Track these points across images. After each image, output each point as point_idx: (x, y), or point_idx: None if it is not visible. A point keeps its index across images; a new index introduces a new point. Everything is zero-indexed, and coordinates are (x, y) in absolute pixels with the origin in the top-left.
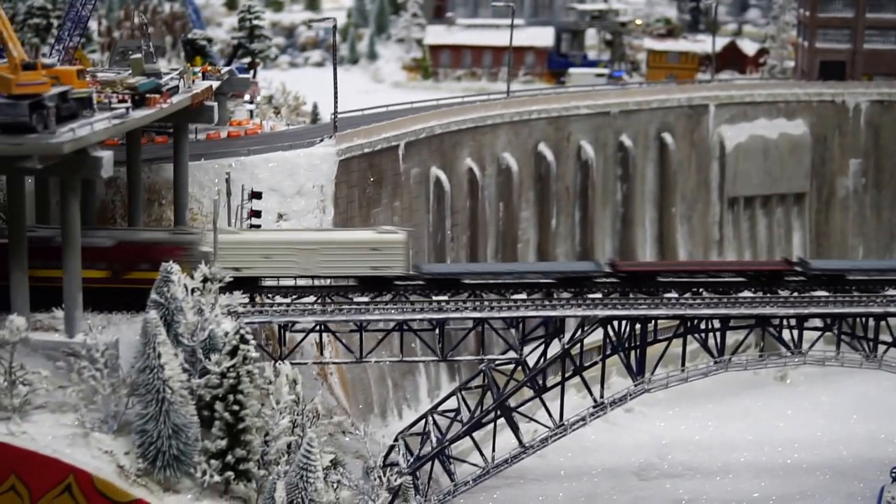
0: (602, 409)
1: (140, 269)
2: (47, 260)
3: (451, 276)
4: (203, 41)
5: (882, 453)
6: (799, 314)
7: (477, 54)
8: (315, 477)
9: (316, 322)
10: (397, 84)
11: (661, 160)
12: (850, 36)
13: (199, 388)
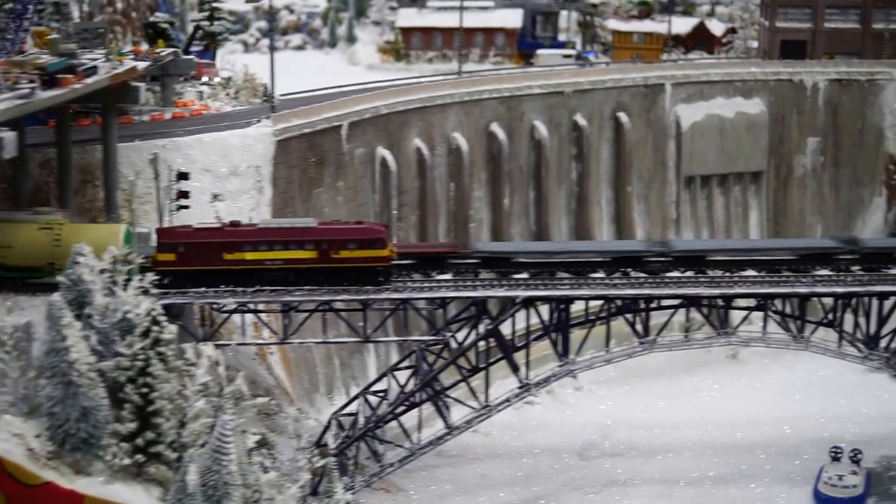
0: (527, 390)
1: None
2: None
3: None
4: (165, 24)
5: (825, 432)
6: (724, 294)
7: (447, 36)
8: (229, 460)
9: (237, 303)
10: (371, 66)
11: (616, 139)
12: (810, 15)
13: (110, 371)
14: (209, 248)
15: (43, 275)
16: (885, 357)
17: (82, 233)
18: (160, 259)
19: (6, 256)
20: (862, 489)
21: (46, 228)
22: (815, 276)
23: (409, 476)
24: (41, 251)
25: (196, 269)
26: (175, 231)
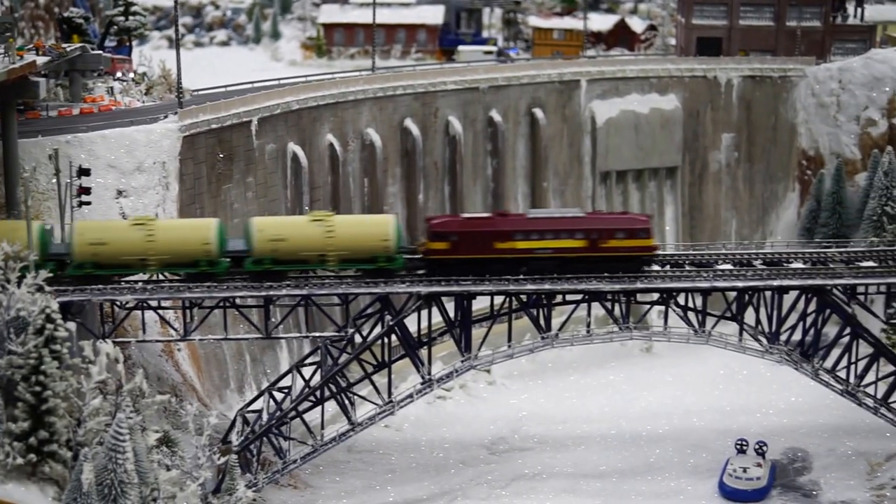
0: (429, 386)
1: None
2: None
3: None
4: (80, 19)
5: (732, 425)
6: (626, 289)
7: (370, 32)
8: (125, 458)
9: (137, 300)
10: (293, 62)
11: (532, 135)
12: (725, 12)
13: (2, 369)
14: (482, 237)
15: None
16: (786, 350)
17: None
18: (432, 248)
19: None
20: (766, 481)
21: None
22: (717, 271)
23: (318, 472)
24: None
25: (467, 258)
26: (448, 220)
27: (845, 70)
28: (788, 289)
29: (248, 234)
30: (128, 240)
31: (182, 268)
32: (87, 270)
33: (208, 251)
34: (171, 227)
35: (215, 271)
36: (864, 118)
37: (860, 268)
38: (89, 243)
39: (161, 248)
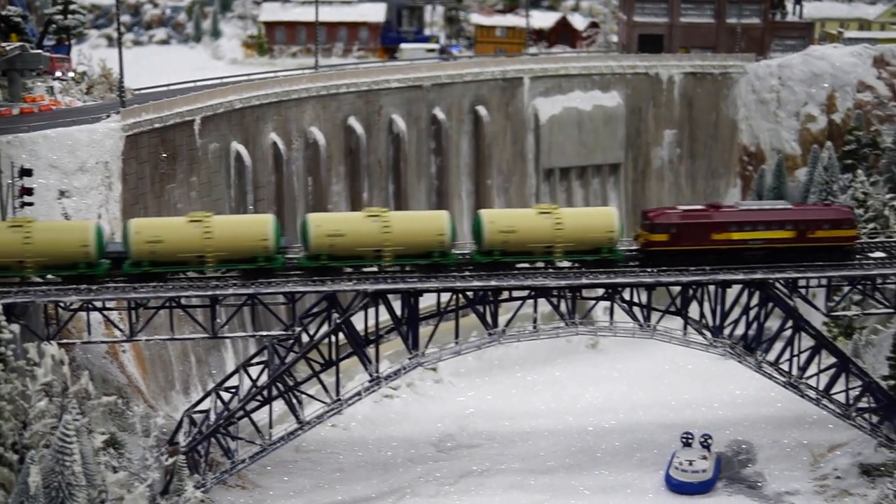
0: (377, 384)
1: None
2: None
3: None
4: (17, 18)
5: (678, 418)
6: (572, 284)
7: (311, 30)
8: (72, 460)
9: (82, 301)
10: (235, 61)
11: (475, 133)
12: (666, 10)
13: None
14: (700, 228)
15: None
16: (729, 344)
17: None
18: (652, 239)
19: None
20: (712, 473)
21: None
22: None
23: (267, 472)
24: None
25: (685, 249)
26: (667, 213)
27: (785, 67)
28: (732, 283)
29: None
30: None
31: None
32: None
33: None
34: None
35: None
36: (803, 114)
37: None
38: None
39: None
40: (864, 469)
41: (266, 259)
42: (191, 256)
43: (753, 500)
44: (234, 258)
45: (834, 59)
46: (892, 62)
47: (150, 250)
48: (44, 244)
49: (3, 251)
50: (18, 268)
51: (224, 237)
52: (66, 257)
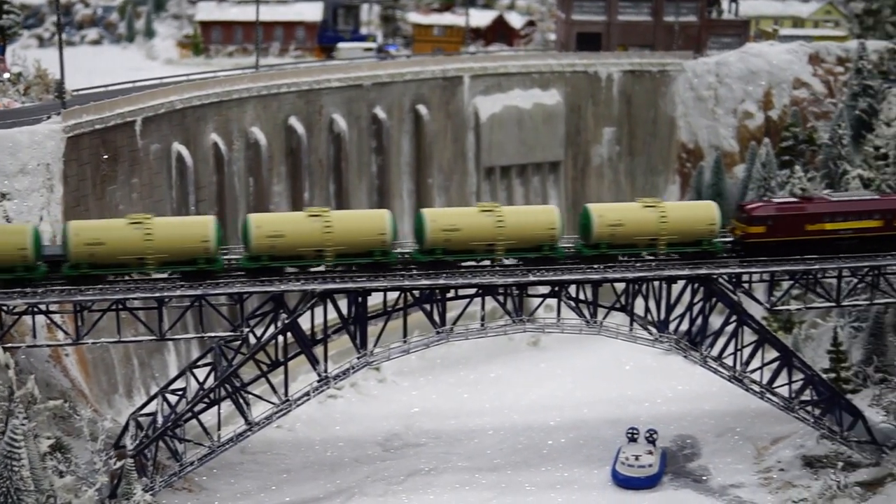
0: (326, 384)
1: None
2: None
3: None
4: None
5: (623, 414)
6: (519, 282)
7: (248, 30)
8: (20, 465)
9: (27, 304)
10: (170, 61)
11: (416, 132)
12: (604, 8)
13: None
14: (795, 220)
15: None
16: (675, 339)
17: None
18: (751, 231)
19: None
20: (657, 468)
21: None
22: (609, 263)
23: (213, 474)
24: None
25: (781, 240)
26: (764, 205)
27: (722, 64)
28: (677, 278)
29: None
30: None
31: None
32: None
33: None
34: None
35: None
36: (741, 111)
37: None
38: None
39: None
40: (807, 461)
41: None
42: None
43: (699, 493)
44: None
45: (770, 57)
46: (826, 59)
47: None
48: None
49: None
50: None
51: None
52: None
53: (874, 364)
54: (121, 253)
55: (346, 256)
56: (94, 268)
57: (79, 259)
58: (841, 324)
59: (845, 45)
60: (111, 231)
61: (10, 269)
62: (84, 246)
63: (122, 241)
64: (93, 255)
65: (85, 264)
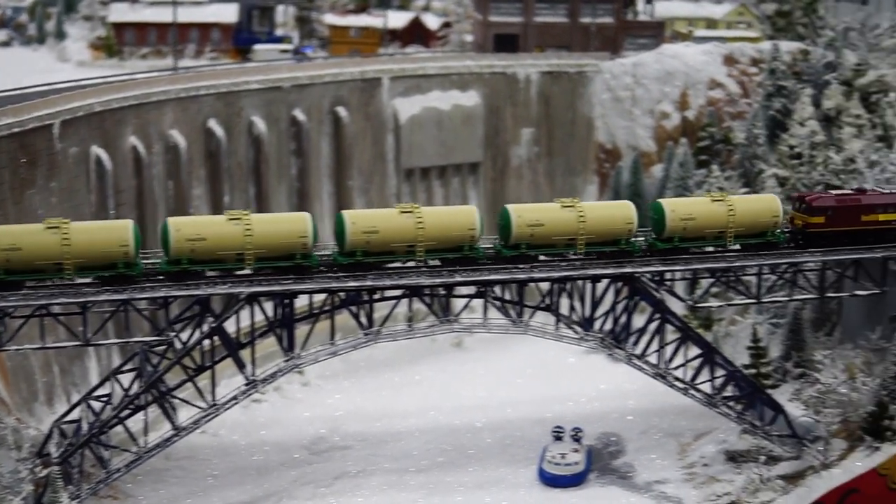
0: (254, 387)
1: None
2: None
3: None
4: None
5: (547, 413)
6: (446, 282)
7: (162, 31)
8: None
9: None
10: (82, 63)
11: (336, 134)
12: (521, 9)
13: None
14: (852, 211)
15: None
16: (600, 337)
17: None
18: (812, 221)
19: None
20: (583, 466)
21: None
22: (535, 262)
23: (138, 481)
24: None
25: (839, 230)
26: (824, 197)
27: (639, 65)
28: (601, 277)
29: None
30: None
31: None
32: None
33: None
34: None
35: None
36: (658, 111)
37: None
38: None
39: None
40: (729, 456)
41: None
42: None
43: (625, 489)
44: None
45: (686, 58)
46: (741, 60)
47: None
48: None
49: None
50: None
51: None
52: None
53: (793, 359)
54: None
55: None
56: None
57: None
58: (759, 320)
59: (759, 47)
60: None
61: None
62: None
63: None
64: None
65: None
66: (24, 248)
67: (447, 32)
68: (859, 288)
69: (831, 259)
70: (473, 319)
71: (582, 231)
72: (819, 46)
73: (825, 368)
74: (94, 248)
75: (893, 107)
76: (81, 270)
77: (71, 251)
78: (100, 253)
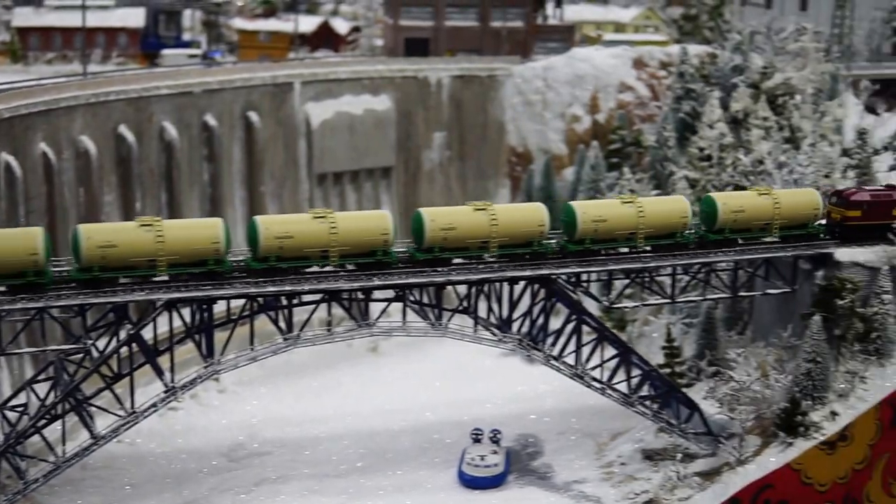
0: (173, 394)
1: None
2: None
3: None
4: None
5: (465, 416)
6: (364, 286)
7: (67, 36)
8: None
9: None
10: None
11: (247, 139)
12: (432, 14)
13: None
14: (886, 206)
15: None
16: (517, 339)
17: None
18: (849, 215)
19: None
20: (503, 467)
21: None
22: (451, 266)
23: (55, 492)
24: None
25: (872, 224)
26: (859, 192)
27: (549, 68)
28: (519, 279)
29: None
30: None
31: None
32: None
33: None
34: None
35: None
36: (568, 115)
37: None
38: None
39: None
40: (646, 454)
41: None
42: None
43: (544, 490)
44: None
45: (596, 61)
46: (650, 64)
47: None
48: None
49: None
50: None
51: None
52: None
53: (707, 358)
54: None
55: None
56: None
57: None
58: (673, 320)
59: (667, 50)
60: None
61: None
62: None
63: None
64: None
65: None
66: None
67: (357, 37)
68: (770, 287)
69: (743, 259)
70: (392, 323)
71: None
72: (726, 50)
73: (738, 367)
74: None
75: (800, 109)
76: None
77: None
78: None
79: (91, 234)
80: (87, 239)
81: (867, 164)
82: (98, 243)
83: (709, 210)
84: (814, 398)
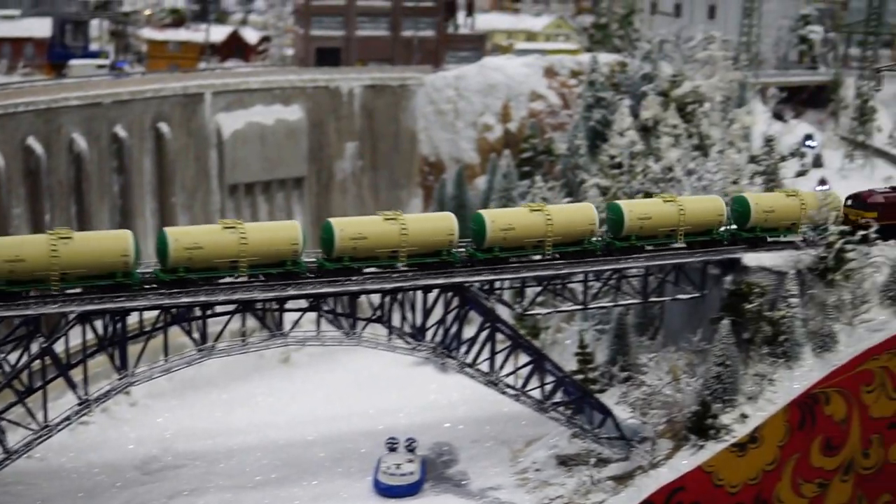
0: (87, 407)
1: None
2: None
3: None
4: None
5: (379, 425)
6: (279, 296)
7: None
8: None
9: None
10: None
11: (158, 150)
12: (343, 23)
13: None
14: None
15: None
16: (432, 347)
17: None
18: (867, 216)
19: None
20: (418, 475)
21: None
22: (365, 275)
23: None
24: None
25: (886, 224)
26: (875, 194)
27: (461, 78)
28: (432, 287)
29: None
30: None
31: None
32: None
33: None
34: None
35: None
36: (480, 124)
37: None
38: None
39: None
40: (560, 460)
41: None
42: None
43: (460, 497)
44: None
45: (508, 70)
46: (561, 72)
47: None
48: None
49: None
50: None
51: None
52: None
53: (619, 363)
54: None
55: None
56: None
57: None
58: (585, 327)
59: (578, 59)
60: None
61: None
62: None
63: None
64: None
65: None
66: None
67: (267, 46)
68: (680, 292)
69: (653, 265)
70: (307, 333)
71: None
72: (636, 58)
73: (650, 371)
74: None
75: (708, 116)
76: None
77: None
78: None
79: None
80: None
81: (774, 170)
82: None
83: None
84: (724, 401)
